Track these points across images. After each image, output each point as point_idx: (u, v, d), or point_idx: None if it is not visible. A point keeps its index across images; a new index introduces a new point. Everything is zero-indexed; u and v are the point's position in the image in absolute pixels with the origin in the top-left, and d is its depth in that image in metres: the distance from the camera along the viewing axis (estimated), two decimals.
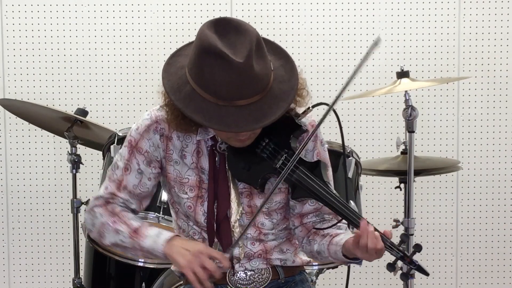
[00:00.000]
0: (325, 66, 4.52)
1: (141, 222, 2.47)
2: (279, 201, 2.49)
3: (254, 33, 2.27)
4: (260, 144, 2.40)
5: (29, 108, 3.83)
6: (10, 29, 4.53)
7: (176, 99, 2.28)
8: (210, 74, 2.22)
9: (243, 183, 2.45)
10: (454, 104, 4.61)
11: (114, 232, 2.45)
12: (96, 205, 2.50)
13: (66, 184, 4.44)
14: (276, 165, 2.38)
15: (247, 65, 2.21)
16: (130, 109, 4.54)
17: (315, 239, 2.48)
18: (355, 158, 3.40)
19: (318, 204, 2.49)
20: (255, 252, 2.50)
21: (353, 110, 4.55)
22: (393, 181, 3.81)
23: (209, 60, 2.22)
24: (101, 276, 3.68)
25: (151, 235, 2.42)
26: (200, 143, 2.46)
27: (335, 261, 2.46)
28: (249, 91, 2.23)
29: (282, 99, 2.29)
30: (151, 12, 4.54)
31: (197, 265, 2.31)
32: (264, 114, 2.26)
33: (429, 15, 4.57)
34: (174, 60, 2.37)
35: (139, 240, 2.42)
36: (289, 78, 2.33)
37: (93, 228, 2.51)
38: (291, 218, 2.54)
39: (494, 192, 4.64)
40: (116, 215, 2.47)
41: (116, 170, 2.50)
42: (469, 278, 4.67)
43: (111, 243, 2.48)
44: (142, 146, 2.46)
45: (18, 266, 4.62)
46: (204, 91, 2.24)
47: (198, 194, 2.46)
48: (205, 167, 2.45)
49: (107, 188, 2.50)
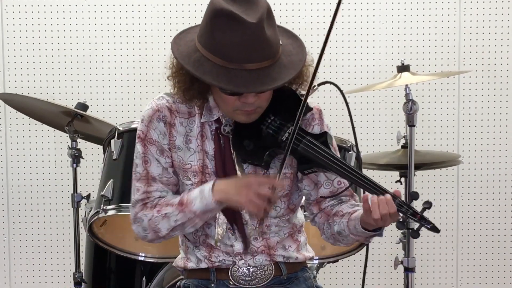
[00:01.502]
0: (325, 60, 4.52)
1: (179, 196, 2.44)
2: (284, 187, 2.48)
3: (265, 2, 2.32)
4: (265, 121, 2.41)
5: (30, 102, 3.82)
6: (10, 23, 4.52)
7: (185, 63, 2.30)
8: (221, 37, 2.25)
9: (249, 167, 2.44)
10: (454, 98, 4.61)
11: (164, 219, 2.42)
12: (137, 212, 2.47)
13: (67, 179, 4.44)
14: (282, 137, 2.37)
15: (259, 27, 2.24)
16: (130, 104, 4.54)
17: (334, 221, 2.47)
18: (355, 152, 3.40)
19: (333, 186, 2.50)
20: (258, 248, 2.50)
21: (353, 104, 4.54)
22: (394, 175, 3.81)
23: (221, 22, 2.25)
24: (101, 271, 3.68)
25: (195, 197, 2.38)
26: (204, 126, 2.45)
27: (357, 238, 2.42)
28: (259, 54, 2.25)
29: (290, 68, 2.32)
30: (152, 6, 4.54)
31: (254, 195, 2.28)
32: (273, 79, 2.28)
33: (430, 9, 4.56)
34: (183, 35, 2.42)
35: (189, 208, 2.39)
36: (298, 53, 2.37)
37: (146, 232, 2.47)
38: (309, 207, 2.54)
39: (495, 186, 4.64)
40: (157, 205, 2.44)
41: (137, 168, 2.48)
42: (470, 272, 4.67)
43: (169, 230, 2.43)
44: (151, 137, 2.45)
45: (18, 261, 4.63)
46: (213, 55, 2.27)
47: (202, 179, 2.45)
48: (208, 151, 2.45)
49: (138, 189, 2.47)
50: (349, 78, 4.54)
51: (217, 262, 2.50)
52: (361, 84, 4.51)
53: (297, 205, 2.56)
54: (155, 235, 2.47)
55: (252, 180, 2.33)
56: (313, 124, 2.49)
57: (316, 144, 2.37)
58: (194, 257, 2.53)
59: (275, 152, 2.40)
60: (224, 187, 2.36)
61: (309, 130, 2.47)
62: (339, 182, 2.50)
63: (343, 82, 4.49)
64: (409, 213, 2.27)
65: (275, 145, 2.38)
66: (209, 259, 2.50)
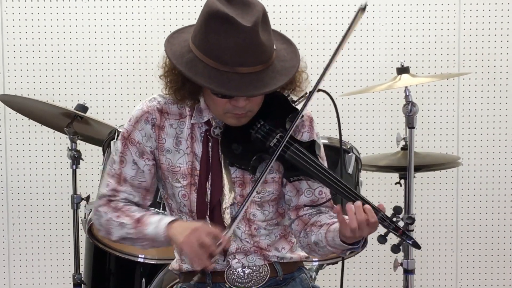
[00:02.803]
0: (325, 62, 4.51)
1: (144, 212, 2.46)
2: (271, 191, 2.47)
3: (261, 6, 2.31)
4: (255, 126, 2.41)
5: (29, 104, 3.83)
6: (10, 25, 4.52)
7: (178, 63, 2.30)
8: (215, 39, 2.24)
9: (236, 172, 2.44)
10: (454, 100, 4.61)
11: (119, 226, 2.45)
12: (100, 205, 2.49)
13: (66, 180, 4.44)
14: (270, 143, 2.37)
15: (254, 31, 2.24)
16: (130, 105, 4.54)
17: (312, 230, 2.46)
18: (355, 154, 3.40)
19: (314, 196, 2.49)
20: (250, 248, 2.49)
21: (353, 106, 4.55)
22: (393, 177, 3.81)
23: (216, 25, 2.24)
24: (101, 272, 3.68)
25: (153, 222, 2.40)
26: (194, 128, 2.45)
27: (333, 250, 2.41)
28: (252, 58, 2.25)
29: (283, 74, 2.32)
30: (151, 8, 4.54)
31: (195, 240, 2.27)
32: (265, 84, 2.27)
33: (430, 10, 4.56)
34: (177, 35, 2.40)
35: (142, 229, 2.40)
36: (291, 58, 2.37)
37: (101, 227, 2.51)
38: (287, 212, 2.53)
39: (494, 188, 4.64)
40: (119, 209, 2.46)
41: (113, 164, 2.49)
42: (469, 274, 4.67)
43: (119, 238, 2.47)
44: (134, 137, 2.46)
45: (18, 262, 4.62)
46: (207, 57, 2.26)
47: (191, 181, 2.44)
48: (198, 153, 2.44)
49: (108, 185, 2.49)
50: (349, 79, 4.53)
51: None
52: (361, 85, 4.51)
53: (286, 209, 2.55)
54: (107, 236, 2.51)
55: (201, 227, 2.31)
56: (302, 131, 2.48)
57: (303, 152, 2.36)
58: (187, 258, 2.52)
59: (262, 158, 2.39)
60: (179, 225, 2.36)
61: (298, 136, 2.46)
62: (320, 192, 2.50)
63: (343, 83, 4.49)
64: (391, 228, 2.25)
65: (263, 150, 2.38)
66: None
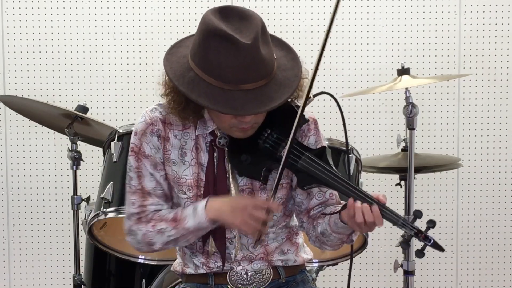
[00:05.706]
0: (326, 63, 4.51)
1: (172, 210, 2.44)
2: (281, 197, 2.47)
3: (259, 18, 2.28)
4: (262, 135, 2.38)
5: (30, 104, 3.83)
6: (11, 25, 4.52)
7: (180, 84, 2.26)
8: (215, 58, 2.21)
9: (244, 180, 2.43)
10: (454, 101, 4.61)
11: (158, 234, 2.42)
12: (132, 224, 2.46)
13: (67, 181, 4.44)
14: (281, 153, 2.34)
15: (254, 48, 2.20)
16: (130, 106, 4.54)
17: (318, 223, 2.46)
18: (356, 155, 3.40)
19: (325, 198, 2.48)
20: (256, 255, 2.49)
21: (353, 107, 4.55)
22: (394, 178, 3.81)
23: (215, 43, 2.20)
24: (101, 273, 3.68)
25: (189, 214, 2.38)
26: (198, 138, 2.43)
27: (339, 236, 2.41)
28: (255, 74, 2.22)
29: (287, 85, 2.29)
30: (151, 8, 4.54)
31: (248, 218, 2.29)
32: (270, 99, 2.24)
33: (430, 12, 4.57)
34: (175, 50, 2.36)
35: (182, 225, 2.38)
36: (292, 66, 2.34)
37: (139, 244, 2.47)
38: (299, 216, 2.52)
39: (495, 189, 4.64)
40: (151, 219, 2.43)
41: (131, 181, 2.46)
42: (470, 275, 4.67)
43: (162, 244, 2.44)
44: (144, 151, 2.43)
45: (18, 263, 4.62)
46: (208, 76, 2.23)
47: (197, 193, 2.43)
48: (203, 163, 2.43)
49: (133, 203, 2.46)
50: (349, 81, 4.54)
51: (215, 268, 2.49)
52: (361, 87, 4.51)
53: (292, 210, 2.55)
54: (149, 248, 2.47)
55: (248, 202, 2.32)
56: (309, 135, 2.47)
57: (315, 161, 2.33)
58: (191, 263, 2.52)
59: (273, 167, 2.37)
60: (219, 206, 2.35)
61: (305, 141, 2.45)
62: (331, 194, 2.50)
63: (343, 85, 4.49)
64: (413, 233, 2.26)
65: (273, 160, 2.35)
66: (207, 265, 2.50)
